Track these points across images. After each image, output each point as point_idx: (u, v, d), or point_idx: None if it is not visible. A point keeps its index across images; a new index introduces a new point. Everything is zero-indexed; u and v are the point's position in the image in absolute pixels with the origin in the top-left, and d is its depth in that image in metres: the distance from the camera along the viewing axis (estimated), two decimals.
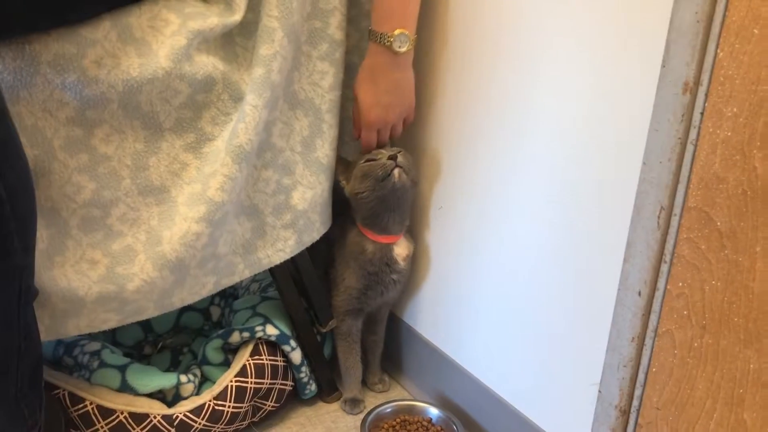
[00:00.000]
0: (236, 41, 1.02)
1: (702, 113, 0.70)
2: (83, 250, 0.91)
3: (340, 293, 1.25)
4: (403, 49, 1.05)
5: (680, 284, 0.75)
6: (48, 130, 0.85)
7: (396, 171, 1.10)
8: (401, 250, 1.21)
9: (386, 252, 1.19)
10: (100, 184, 0.90)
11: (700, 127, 0.71)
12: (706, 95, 0.70)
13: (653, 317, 0.80)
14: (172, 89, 0.93)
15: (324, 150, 1.13)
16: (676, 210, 0.75)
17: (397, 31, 1.04)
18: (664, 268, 0.77)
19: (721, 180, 0.69)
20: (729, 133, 0.68)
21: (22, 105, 0.82)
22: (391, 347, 1.40)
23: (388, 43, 1.04)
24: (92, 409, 1.04)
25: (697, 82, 0.70)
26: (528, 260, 1.01)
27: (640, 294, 0.80)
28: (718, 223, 0.70)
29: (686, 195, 0.73)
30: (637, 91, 0.78)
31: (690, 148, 0.72)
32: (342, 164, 1.18)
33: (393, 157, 1.10)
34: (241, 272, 1.08)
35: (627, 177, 0.80)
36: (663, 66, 0.73)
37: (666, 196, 0.75)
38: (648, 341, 0.81)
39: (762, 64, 0.64)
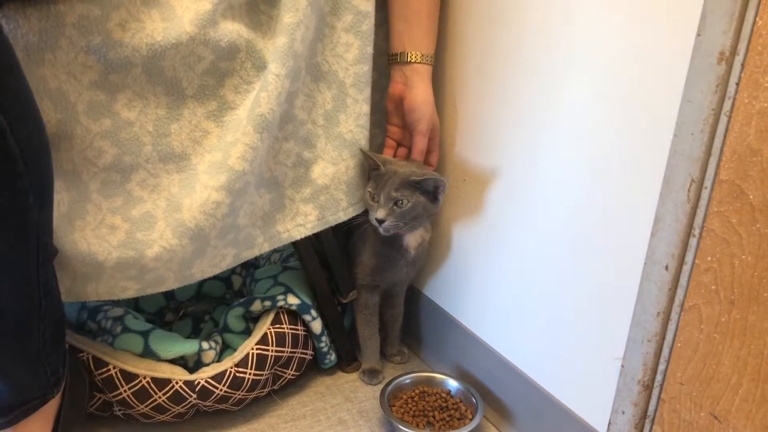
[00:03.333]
0: (261, 9, 1.01)
1: (737, 83, 0.68)
2: (103, 214, 0.91)
3: (357, 267, 1.25)
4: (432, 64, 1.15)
5: (709, 258, 0.74)
6: (72, 94, 0.85)
7: (381, 230, 1.10)
8: (413, 240, 1.20)
9: (398, 239, 1.19)
10: (121, 149, 0.90)
11: (735, 98, 0.69)
12: (743, 65, 0.68)
13: (680, 292, 0.78)
14: (196, 55, 0.92)
15: (348, 125, 1.11)
16: (707, 183, 0.73)
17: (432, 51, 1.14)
18: (693, 242, 0.76)
19: (755, 152, 0.68)
20: (765, 104, 0.66)
21: (46, 68, 0.82)
22: (411, 320, 1.40)
23: (429, 61, 1.13)
24: (115, 373, 1.05)
25: (734, 51, 0.68)
26: (552, 233, 0.99)
27: (667, 268, 0.79)
28: (751, 197, 0.69)
29: (718, 168, 0.72)
30: (670, 62, 0.76)
31: (723, 119, 0.70)
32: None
33: (381, 221, 1.09)
34: (261, 245, 1.08)
35: (658, 149, 0.79)
36: (698, 35, 0.71)
37: (697, 169, 0.73)
38: (674, 316, 0.80)
39: None
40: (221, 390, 1.09)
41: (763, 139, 0.66)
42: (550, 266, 1.01)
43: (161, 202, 0.94)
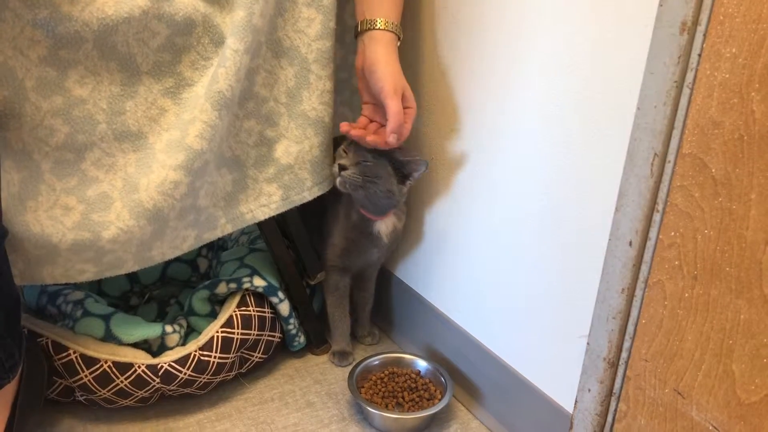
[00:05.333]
0: None
1: (699, 54, 0.67)
2: (57, 195, 0.88)
3: (327, 248, 1.24)
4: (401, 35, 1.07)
5: (672, 233, 0.73)
6: (19, 70, 0.82)
7: (338, 180, 1.07)
8: (385, 227, 1.18)
9: (369, 225, 1.17)
10: (74, 128, 0.87)
11: (697, 70, 0.68)
12: (705, 35, 0.66)
13: (644, 268, 0.78)
14: (150, 30, 0.89)
15: (311, 103, 1.08)
16: (670, 157, 0.72)
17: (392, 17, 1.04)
18: (657, 217, 0.75)
19: (717, 124, 0.66)
20: (727, 75, 0.65)
21: None
22: (382, 301, 1.39)
23: (390, 28, 1.03)
24: (76, 357, 1.02)
25: (696, 21, 0.67)
26: (518, 212, 0.98)
27: (630, 244, 0.78)
28: (713, 170, 0.68)
29: (681, 141, 0.70)
30: (632, 33, 0.75)
31: (686, 91, 0.69)
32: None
33: (343, 167, 1.06)
34: (223, 226, 1.05)
35: (621, 123, 0.77)
36: (660, 5, 0.70)
37: (660, 143, 0.72)
38: (638, 292, 0.79)
39: (764, 1, 0.61)
40: (185, 374, 1.07)
41: (725, 111, 0.65)
42: (517, 246, 1.00)
43: (117, 182, 0.92)
